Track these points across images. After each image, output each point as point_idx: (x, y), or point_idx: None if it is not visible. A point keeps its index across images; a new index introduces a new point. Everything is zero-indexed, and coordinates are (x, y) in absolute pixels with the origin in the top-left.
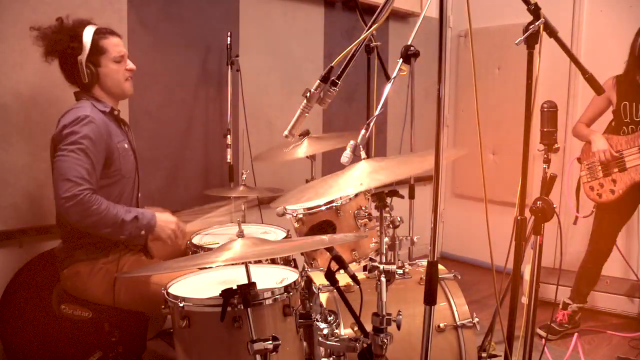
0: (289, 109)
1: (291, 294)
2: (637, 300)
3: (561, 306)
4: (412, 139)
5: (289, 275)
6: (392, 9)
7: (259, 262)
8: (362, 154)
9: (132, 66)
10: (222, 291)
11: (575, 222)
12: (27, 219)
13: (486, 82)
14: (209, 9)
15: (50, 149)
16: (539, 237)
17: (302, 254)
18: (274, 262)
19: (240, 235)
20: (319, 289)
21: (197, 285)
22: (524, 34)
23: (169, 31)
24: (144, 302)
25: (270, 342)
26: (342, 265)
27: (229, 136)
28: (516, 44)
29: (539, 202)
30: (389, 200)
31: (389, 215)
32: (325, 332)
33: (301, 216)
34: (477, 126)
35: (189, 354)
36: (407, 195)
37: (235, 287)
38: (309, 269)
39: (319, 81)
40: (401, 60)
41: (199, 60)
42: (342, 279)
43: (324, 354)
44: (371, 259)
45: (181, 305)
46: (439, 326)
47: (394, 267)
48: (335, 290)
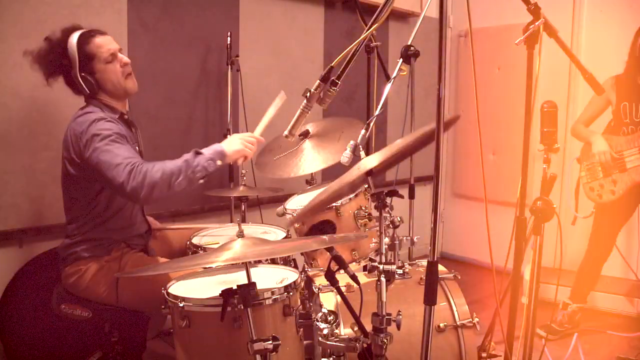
0: (289, 109)
1: (291, 294)
2: (637, 300)
3: (561, 306)
4: None
5: (289, 275)
6: (392, 9)
7: (259, 262)
8: (362, 154)
9: (126, 60)
10: (222, 291)
11: (573, 223)
12: (27, 219)
13: (486, 82)
14: (209, 9)
15: (64, 155)
16: (539, 237)
17: (302, 254)
18: (274, 262)
19: (240, 235)
20: (319, 289)
21: (197, 285)
22: (524, 34)
23: (169, 31)
24: (147, 300)
25: (270, 342)
26: (342, 265)
27: (229, 136)
28: (516, 44)
29: (539, 202)
30: (388, 200)
31: (389, 215)
32: (325, 332)
33: None
34: (477, 126)
35: (189, 354)
36: (407, 195)
37: (235, 287)
38: (309, 269)
39: (319, 81)
40: (401, 60)
41: (199, 60)
42: (342, 279)
43: (323, 354)
44: (371, 259)
45: (181, 305)
46: (439, 326)
47: (394, 267)
48: (335, 290)
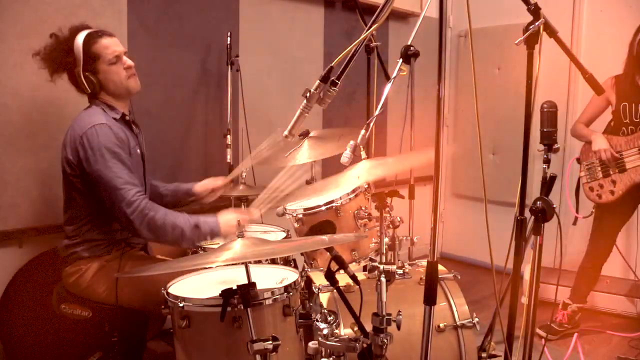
0: (289, 109)
1: (291, 294)
2: (637, 300)
3: (561, 306)
4: (412, 139)
5: (289, 275)
6: (392, 9)
7: (259, 262)
8: (362, 154)
9: (129, 63)
10: (222, 291)
11: (574, 223)
12: (27, 219)
13: (486, 82)
14: (209, 9)
15: (65, 155)
16: (539, 237)
17: (302, 254)
18: (274, 262)
19: (240, 235)
20: (319, 289)
21: (197, 285)
22: (524, 34)
23: (169, 31)
24: (147, 300)
25: (270, 342)
26: (342, 265)
27: (228, 136)
28: (516, 44)
29: (539, 202)
30: (389, 200)
31: (389, 215)
32: (325, 332)
33: (301, 216)
34: (477, 126)
35: (188, 354)
36: (407, 195)
37: (235, 287)
38: (309, 269)
39: (318, 81)
40: (401, 60)
41: (199, 60)
42: (342, 279)
43: (323, 354)
44: (371, 259)
45: (181, 305)
46: (438, 326)
47: (394, 267)
48: (335, 290)
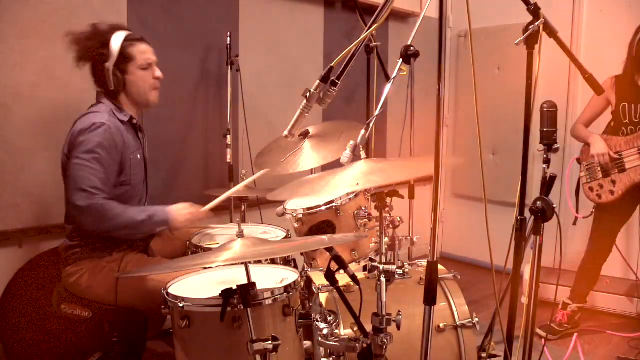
0: (289, 109)
1: (291, 294)
2: (637, 300)
3: (561, 306)
4: (412, 139)
5: (289, 275)
6: (392, 9)
7: (259, 262)
8: (362, 154)
9: (159, 74)
10: (222, 291)
11: (574, 223)
12: (27, 219)
13: (486, 82)
14: (209, 9)
15: (63, 150)
16: (539, 237)
17: (302, 254)
18: (273, 262)
19: (240, 235)
20: (319, 289)
21: (197, 285)
22: (524, 34)
23: (169, 31)
24: (147, 301)
25: (270, 342)
26: (342, 265)
27: (228, 136)
28: (516, 44)
29: (538, 202)
30: (388, 200)
31: (388, 215)
32: (325, 332)
33: (301, 216)
34: (476, 126)
35: (188, 354)
36: (407, 195)
37: (235, 287)
38: (309, 269)
39: (318, 81)
40: (401, 60)
41: (199, 60)
42: (342, 279)
43: (324, 354)
44: (371, 259)
45: (181, 305)
46: (438, 326)
47: (393, 267)
48: (335, 290)
